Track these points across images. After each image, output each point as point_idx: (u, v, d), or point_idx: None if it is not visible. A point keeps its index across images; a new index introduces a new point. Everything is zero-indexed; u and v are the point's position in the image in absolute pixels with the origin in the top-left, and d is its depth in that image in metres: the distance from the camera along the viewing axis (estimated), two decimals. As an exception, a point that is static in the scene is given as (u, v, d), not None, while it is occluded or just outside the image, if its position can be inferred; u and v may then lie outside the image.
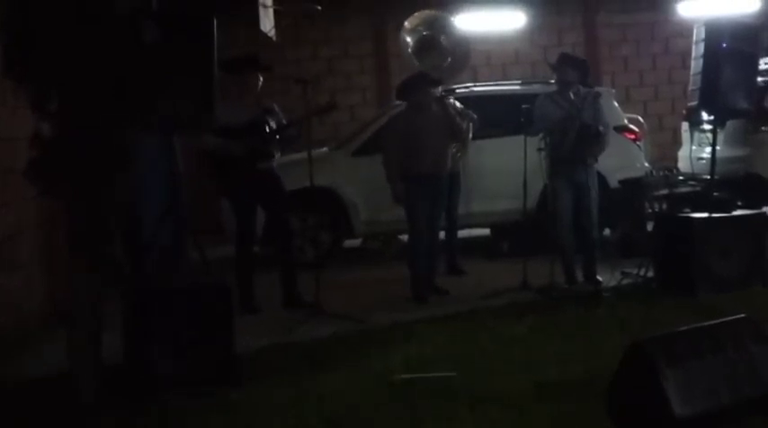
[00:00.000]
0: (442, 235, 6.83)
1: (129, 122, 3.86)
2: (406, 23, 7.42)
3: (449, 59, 7.28)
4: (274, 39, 8.82)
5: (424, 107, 6.05)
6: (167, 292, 4.14)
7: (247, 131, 5.69)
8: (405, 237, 7.28)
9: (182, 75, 3.94)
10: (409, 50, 7.27)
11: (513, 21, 10.87)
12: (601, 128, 5.98)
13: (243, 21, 8.08)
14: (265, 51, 6.97)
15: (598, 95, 6.27)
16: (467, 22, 9.13)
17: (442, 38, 7.30)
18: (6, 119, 4.93)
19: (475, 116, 6.89)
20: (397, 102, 6.95)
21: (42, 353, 4.70)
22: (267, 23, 8.36)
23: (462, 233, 7.41)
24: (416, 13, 7.50)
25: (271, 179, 5.87)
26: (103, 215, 3.94)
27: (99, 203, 3.89)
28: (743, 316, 3.39)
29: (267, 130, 5.77)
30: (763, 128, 8.20)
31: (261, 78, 5.86)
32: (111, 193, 3.94)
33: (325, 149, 8.16)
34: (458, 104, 6.84)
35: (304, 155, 5.93)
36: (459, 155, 6.81)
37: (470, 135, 6.95)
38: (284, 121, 5.89)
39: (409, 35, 7.32)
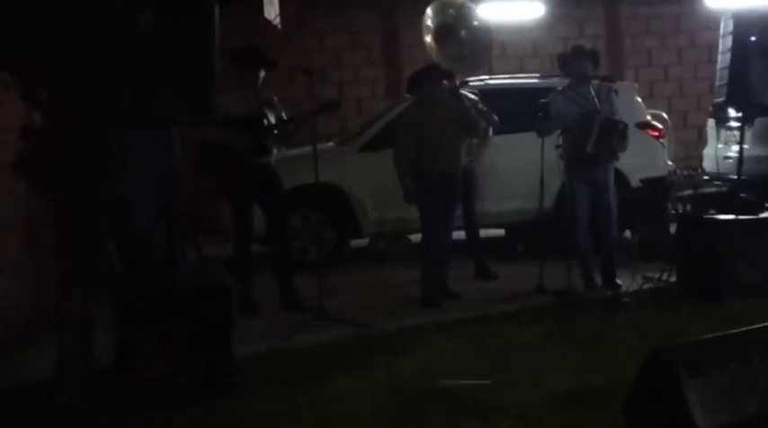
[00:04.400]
0: (462, 235, 6.81)
1: (122, 116, 3.83)
2: (427, 9, 7.38)
3: (468, 50, 7.23)
4: (279, 27, 8.82)
5: (436, 101, 6.02)
6: (161, 293, 4.11)
7: (246, 124, 5.69)
8: (414, 237, 7.28)
9: (179, 67, 3.89)
10: (428, 38, 7.23)
11: (531, 11, 10.83)
12: (623, 122, 5.96)
13: (246, 7, 8.08)
14: (269, 40, 6.97)
15: (611, 89, 6.24)
16: (484, 12, 9.09)
17: (463, 28, 7.26)
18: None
19: (496, 118, 6.84)
20: (408, 96, 6.93)
21: (29, 357, 4.70)
22: (272, 11, 8.35)
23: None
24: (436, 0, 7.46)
25: (268, 175, 5.88)
26: (95, 212, 3.93)
27: (90, 200, 3.88)
28: (769, 324, 3.36)
29: (266, 124, 5.77)
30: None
31: (262, 72, 5.85)
32: (103, 189, 3.92)
33: (331, 144, 8.16)
34: (479, 103, 6.79)
35: (309, 149, 5.93)
36: (474, 154, 6.77)
37: (489, 136, 6.91)
38: (284, 116, 5.89)
39: (429, 21, 7.27)
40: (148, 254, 4.68)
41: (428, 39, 6.89)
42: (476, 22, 7.20)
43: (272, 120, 5.83)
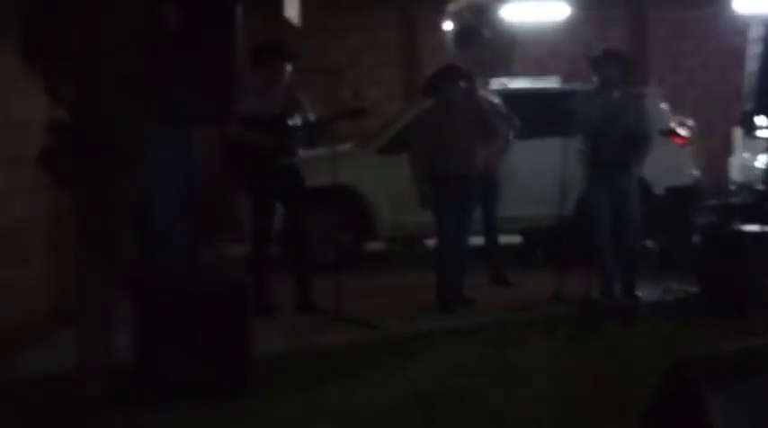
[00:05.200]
0: (481, 241, 6.79)
1: (145, 114, 3.87)
2: (449, 7, 7.35)
3: (490, 52, 7.21)
4: (298, 26, 8.83)
5: (452, 103, 6.02)
6: (180, 292, 4.16)
7: (270, 124, 5.70)
8: (430, 242, 7.26)
9: (203, 66, 3.93)
10: (450, 39, 7.20)
11: (556, 12, 10.76)
12: (647, 130, 5.91)
13: (265, 5, 8.09)
14: (288, 39, 6.97)
15: (642, 96, 6.19)
16: (508, 13, 9.07)
17: (486, 29, 7.23)
18: (18, 104, 4.98)
19: (518, 122, 6.81)
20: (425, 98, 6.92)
21: (49, 350, 4.75)
22: (291, 9, 8.36)
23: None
24: None
25: (292, 176, 5.89)
26: (115, 208, 3.97)
27: (111, 196, 3.92)
28: (795, 338, 3.33)
29: (290, 125, 5.79)
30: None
31: (288, 68, 5.86)
32: (124, 187, 3.96)
33: (348, 146, 8.16)
34: (500, 106, 6.77)
35: (327, 151, 5.93)
36: (495, 158, 6.76)
37: (509, 140, 6.89)
38: (310, 118, 5.90)
39: (452, 20, 7.24)
40: (169, 251, 4.72)
41: (449, 41, 6.88)
42: (499, 23, 7.18)
43: (298, 120, 5.84)
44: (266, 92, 5.77)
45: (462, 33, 7.23)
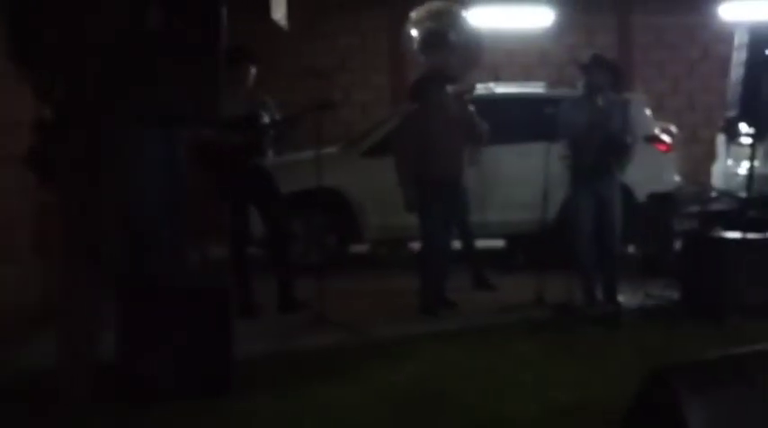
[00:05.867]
0: (458, 245, 6.83)
1: (130, 114, 3.88)
2: (411, 14, 7.37)
3: (457, 56, 7.23)
4: (286, 28, 8.84)
5: (438, 107, 6.05)
6: (164, 292, 4.17)
7: (239, 124, 5.73)
8: (415, 245, 7.29)
9: (187, 67, 3.95)
10: (415, 45, 7.21)
11: (540, 18, 10.85)
12: (629, 139, 5.96)
13: (253, 6, 8.09)
14: (275, 42, 6.98)
15: (628, 103, 6.25)
16: (489, 18, 9.12)
17: (451, 33, 7.24)
18: (5, 104, 4.98)
19: (487, 126, 6.88)
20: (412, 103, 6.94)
21: (35, 348, 4.75)
22: (279, 11, 8.37)
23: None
24: (424, 5, 7.46)
25: (263, 177, 5.92)
26: (101, 208, 3.98)
27: (97, 196, 3.93)
28: (774, 345, 3.38)
29: (260, 125, 5.81)
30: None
31: (253, 70, 5.89)
32: (110, 186, 3.97)
33: (334, 148, 8.19)
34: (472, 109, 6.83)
35: (312, 153, 5.95)
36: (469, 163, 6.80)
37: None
38: (277, 117, 5.93)
39: (415, 27, 7.26)
40: (153, 252, 4.73)
41: (414, 46, 6.89)
42: (465, 28, 7.19)
43: (266, 119, 5.87)
44: (233, 93, 5.80)
45: (428, 38, 7.24)
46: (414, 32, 7.23)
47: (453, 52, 7.14)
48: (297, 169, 6.52)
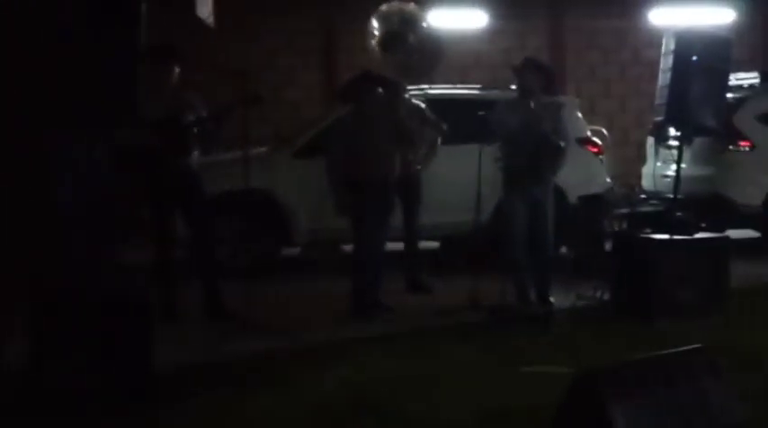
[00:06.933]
0: (398, 247, 6.82)
1: (45, 118, 3.76)
2: (382, 7, 7.33)
3: (416, 57, 7.26)
4: (211, 26, 8.71)
5: (369, 108, 6.03)
6: (79, 299, 4.04)
7: (163, 125, 5.62)
8: (347, 248, 7.25)
9: (103, 67, 3.85)
10: (374, 43, 7.20)
11: (473, 20, 10.95)
12: (561, 142, 6.03)
13: (176, 3, 7.95)
14: (200, 40, 6.87)
15: (560, 106, 6.32)
16: (434, 19, 9.14)
17: (411, 35, 7.26)
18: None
19: (444, 127, 6.89)
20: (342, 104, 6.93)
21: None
22: (205, 9, 8.25)
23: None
24: (391, 3, 7.44)
25: (188, 178, 5.82)
26: (17, 212, 3.85)
27: (13, 199, 3.79)
28: (697, 346, 3.45)
29: (183, 124, 5.72)
30: (731, 147, 8.41)
31: (177, 69, 5.80)
32: (26, 189, 3.85)
33: (264, 149, 8.09)
34: (425, 112, 6.85)
35: (240, 153, 5.86)
36: (417, 162, 6.81)
37: (437, 146, 6.96)
38: (203, 115, 5.84)
39: (380, 21, 7.23)
40: (70, 256, 4.59)
41: (374, 46, 6.88)
42: (425, 29, 7.22)
43: (191, 119, 5.77)
44: (156, 93, 5.69)
45: (388, 39, 7.25)
46: (374, 30, 7.22)
47: (411, 55, 7.18)
48: (225, 169, 6.40)
